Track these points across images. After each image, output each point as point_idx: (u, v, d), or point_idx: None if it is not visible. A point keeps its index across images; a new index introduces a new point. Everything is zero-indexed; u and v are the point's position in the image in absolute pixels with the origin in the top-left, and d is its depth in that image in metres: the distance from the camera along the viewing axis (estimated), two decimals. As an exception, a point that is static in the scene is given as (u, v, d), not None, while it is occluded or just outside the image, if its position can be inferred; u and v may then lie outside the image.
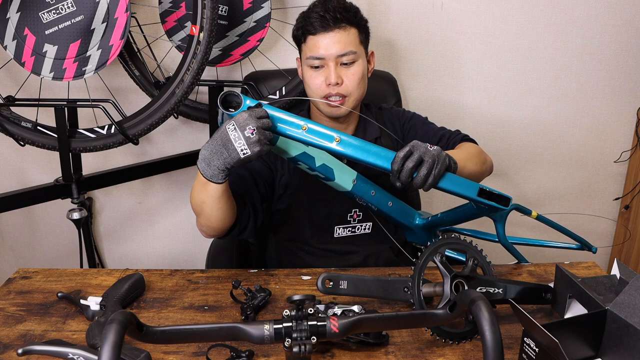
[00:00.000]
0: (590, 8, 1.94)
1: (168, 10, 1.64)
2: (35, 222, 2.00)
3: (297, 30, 1.30)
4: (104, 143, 1.53)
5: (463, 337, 0.99)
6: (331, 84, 1.25)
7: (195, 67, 1.46)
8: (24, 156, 1.88)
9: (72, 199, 1.65)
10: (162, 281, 1.20)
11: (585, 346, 0.95)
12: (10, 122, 1.50)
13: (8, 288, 1.17)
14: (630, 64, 2.03)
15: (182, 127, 1.92)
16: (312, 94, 1.30)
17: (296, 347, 0.76)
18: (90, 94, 1.67)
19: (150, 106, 1.51)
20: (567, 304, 1.06)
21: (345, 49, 1.25)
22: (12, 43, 1.43)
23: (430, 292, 1.02)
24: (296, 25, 1.31)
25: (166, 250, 2.10)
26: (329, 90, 1.27)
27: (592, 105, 2.08)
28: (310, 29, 1.25)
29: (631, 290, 0.93)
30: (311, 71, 1.28)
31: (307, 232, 1.36)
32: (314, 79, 1.28)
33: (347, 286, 1.00)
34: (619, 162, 2.16)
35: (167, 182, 2.00)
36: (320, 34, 1.24)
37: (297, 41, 1.32)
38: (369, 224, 1.38)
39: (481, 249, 1.07)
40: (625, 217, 2.20)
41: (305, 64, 1.29)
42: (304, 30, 1.27)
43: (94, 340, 0.95)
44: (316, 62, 1.26)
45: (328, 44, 1.24)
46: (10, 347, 0.97)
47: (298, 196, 1.34)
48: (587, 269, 1.28)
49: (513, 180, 2.16)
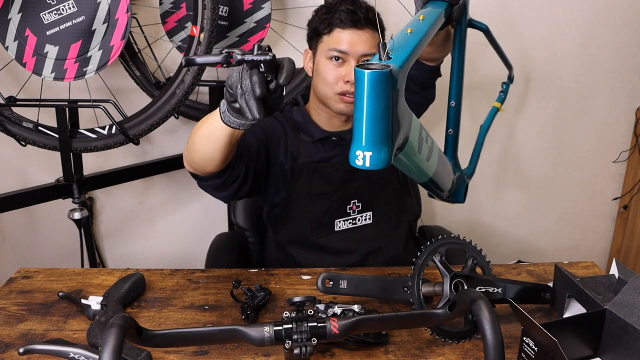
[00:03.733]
0: (589, 8, 1.94)
1: (169, 11, 1.65)
2: (36, 222, 2.00)
3: (320, 21, 1.29)
4: (104, 143, 1.53)
5: (462, 336, 0.99)
6: (350, 81, 1.24)
7: (196, 67, 1.46)
8: (25, 156, 1.89)
9: (73, 199, 1.65)
10: (163, 281, 1.21)
11: (584, 345, 0.95)
12: (11, 122, 1.50)
13: (9, 287, 1.17)
14: (629, 64, 2.03)
15: (182, 127, 1.92)
16: (326, 87, 1.28)
17: (297, 349, 0.76)
18: (91, 95, 1.68)
19: (151, 106, 1.51)
20: (566, 304, 1.07)
21: (370, 49, 1.25)
22: (14, 44, 1.43)
23: (430, 291, 1.02)
24: (319, 16, 1.30)
25: (167, 250, 2.11)
26: (346, 88, 1.26)
27: (591, 106, 2.08)
28: (338, 22, 1.25)
29: (630, 290, 0.94)
30: (329, 64, 1.27)
31: (307, 227, 1.36)
32: (330, 72, 1.27)
33: (347, 286, 1.01)
34: (617, 162, 2.17)
35: (168, 182, 2.00)
36: (350, 29, 1.24)
37: (317, 33, 1.30)
38: (369, 214, 1.38)
39: (480, 249, 1.07)
40: (624, 217, 2.20)
41: (324, 55, 1.28)
42: (331, 22, 1.26)
43: (95, 340, 0.96)
44: (337, 54, 1.25)
45: (355, 41, 1.24)
46: (11, 346, 0.98)
47: (296, 191, 1.34)
48: (586, 269, 1.29)
49: (512, 180, 2.17)
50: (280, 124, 1.37)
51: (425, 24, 0.86)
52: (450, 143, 1.21)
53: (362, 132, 0.68)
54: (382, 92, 0.67)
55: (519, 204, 2.20)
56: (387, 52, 0.71)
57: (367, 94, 0.66)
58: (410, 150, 0.82)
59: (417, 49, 0.79)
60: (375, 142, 0.69)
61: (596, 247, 2.32)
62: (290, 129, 1.37)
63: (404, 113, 0.76)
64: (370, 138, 0.68)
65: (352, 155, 0.70)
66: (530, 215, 2.22)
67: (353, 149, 0.70)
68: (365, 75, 0.65)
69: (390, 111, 0.69)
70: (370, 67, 0.67)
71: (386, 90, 0.67)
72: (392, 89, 0.68)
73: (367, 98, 0.66)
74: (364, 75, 0.65)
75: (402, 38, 0.80)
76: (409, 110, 0.79)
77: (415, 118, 0.82)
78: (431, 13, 0.92)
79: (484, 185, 2.14)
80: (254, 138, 1.27)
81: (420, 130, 0.85)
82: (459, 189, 1.21)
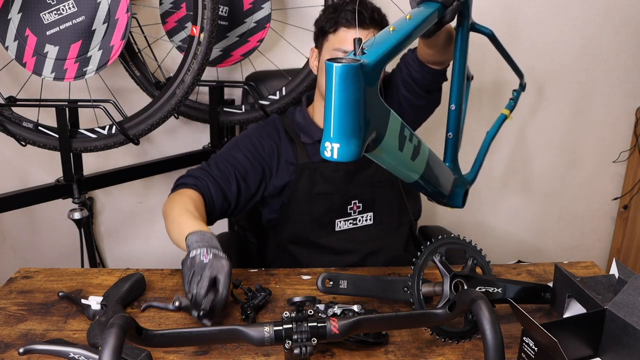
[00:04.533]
0: (589, 9, 1.94)
1: (169, 11, 1.65)
2: (36, 222, 2.00)
3: (327, 21, 1.29)
4: (104, 143, 1.53)
5: (462, 336, 0.99)
6: None
7: (196, 67, 1.46)
8: (25, 156, 1.89)
9: (73, 199, 1.65)
10: (163, 281, 1.21)
11: (584, 345, 0.95)
12: (11, 122, 1.50)
13: (9, 287, 1.17)
14: (629, 64, 2.03)
15: (182, 127, 1.92)
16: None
17: (297, 349, 0.76)
18: (91, 95, 1.68)
19: (151, 106, 1.51)
20: (566, 304, 1.07)
21: None
22: (14, 44, 1.43)
23: (430, 291, 1.02)
24: (326, 15, 1.30)
25: (167, 250, 2.09)
26: None
27: (591, 106, 2.08)
28: (344, 22, 1.26)
29: (630, 290, 0.94)
30: None
31: (307, 227, 1.37)
32: None
33: (347, 286, 1.01)
34: (617, 162, 2.17)
35: (168, 182, 1.99)
36: (355, 29, 1.25)
37: (323, 32, 1.31)
38: (369, 215, 1.38)
39: (480, 249, 1.07)
40: (624, 217, 2.20)
41: (328, 54, 1.29)
42: (337, 21, 1.27)
43: (95, 340, 0.96)
44: (342, 54, 1.26)
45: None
46: (11, 346, 0.98)
47: (296, 192, 1.35)
48: (586, 269, 1.29)
49: (512, 180, 2.17)
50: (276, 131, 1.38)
51: (410, 24, 0.87)
52: (449, 147, 1.21)
53: (330, 124, 0.70)
54: (350, 85, 0.68)
55: (519, 204, 2.20)
56: (362, 47, 0.73)
57: (336, 87, 0.68)
58: (389, 146, 0.83)
59: (396, 47, 0.80)
60: (343, 135, 0.70)
61: (596, 247, 2.32)
62: (284, 133, 1.37)
63: (378, 108, 0.77)
64: (339, 130, 0.70)
65: (322, 146, 0.72)
66: (530, 215, 2.22)
67: (323, 140, 0.72)
68: (333, 68, 0.68)
69: (360, 104, 0.70)
70: (341, 61, 0.69)
71: (354, 84, 0.69)
72: (362, 83, 0.69)
73: (336, 91, 0.68)
74: (332, 68, 0.68)
75: (383, 35, 0.81)
76: (385, 107, 0.80)
77: (394, 115, 0.83)
78: (419, 13, 0.92)
79: (484, 186, 2.14)
80: (232, 170, 1.31)
81: (401, 127, 0.86)
82: (458, 193, 1.20)
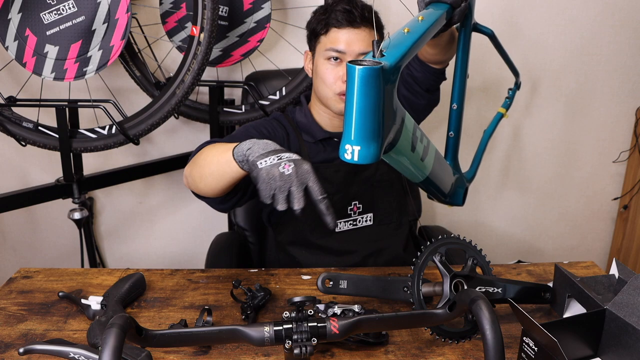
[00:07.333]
0: (589, 9, 1.94)
1: (169, 11, 1.65)
2: (36, 222, 2.00)
3: (317, 22, 1.29)
4: (104, 143, 1.53)
5: (462, 336, 0.99)
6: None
7: (196, 67, 1.46)
8: (25, 156, 1.89)
9: (73, 199, 1.65)
10: (163, 281, 1.21)
11: (584, 345, 0.95)
12: (11, 122, 1.50)
13: (9, 287, 1.17)
14: (629, 64, 2.03)
15: (182, 127, 1.92)
16: (326, 88, 1.29)
17: (297, 349, 0.76)
18: (91, 95, 1.68)
19: (151, 106, 1.51)
20: (566, 304, 1.07)
21: (367, 48, 1.25)
22: (14, 44, 1.43)
23: (430, 291, 1.02)
24: (316, 17, 1.30)
25: (167, 250, 2.11)
26: (344, 87, 1.26)
27: (591, 106, 2.08)
28: (334, 22, 1.26)
29: (630, 290, 0.94)
30: (327, 64, 1.27)
31: (307, 228, 1.36)
32: (329, 72, 1.27)
33: (347, 286, 1.01)
34: (617, 162, 2.17)
35: (168, 182, 2.00)
36: (346, 29, 1.25)
37: (315, 33, 1.31)
38: (369, 215, 1.38)
39: (480, 249, 1.07)
40: (624, 217, 2.20)
41: (322, 56, 1.29)
42: (328, 22, 1.27)
43: (95, 340, 0.96)
44: (335, 54, 1.26)
45: (352, 40, 1.25)
46: (11, 346, 0.98)
47: None
48: (586, 269, 1.29)
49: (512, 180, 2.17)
50: (283, 127, 1.37)
51: (423, 25, 0.87)
52: (450, 146, 1.21)
53: (351, 127, 0.70)
54: (372, 87, 0.68)
55: (519, 204, 2.20)
56: (381, 49, 0.73)
57: (358, 89, 0.68)
58: (403, 147, 0.83)
59: (413, 49, 0.80)
60: (364, 137, 0.70)
61: (596, 247, 2.32)
62: (292, 129, 1.37)
63: (396, 110, 0.77)
64: (360, 133, 0.70)
65: (341, 149, 0.72)
66: (530, 215, 2.22)
67: (343, 143, 0.72)
68: (356, 71, 0.67)
69: (380, 107, 0.70)
70: (363, 63, 0.68)
71: (376, 86, 0.68)
72: (383, 86, 0.69)
73: (358, 93, 0.68)
74: (355, 71, 0.67)
75: (399, 37, 0.81)
76: (402, 108, 0.80)
77: (409, 116, 0.83)
78: (431, 14, 0.93)
79: (484, 186, 2.14)
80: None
81: (414, 128, 0.86)
82: (458, 191, 1.21)
